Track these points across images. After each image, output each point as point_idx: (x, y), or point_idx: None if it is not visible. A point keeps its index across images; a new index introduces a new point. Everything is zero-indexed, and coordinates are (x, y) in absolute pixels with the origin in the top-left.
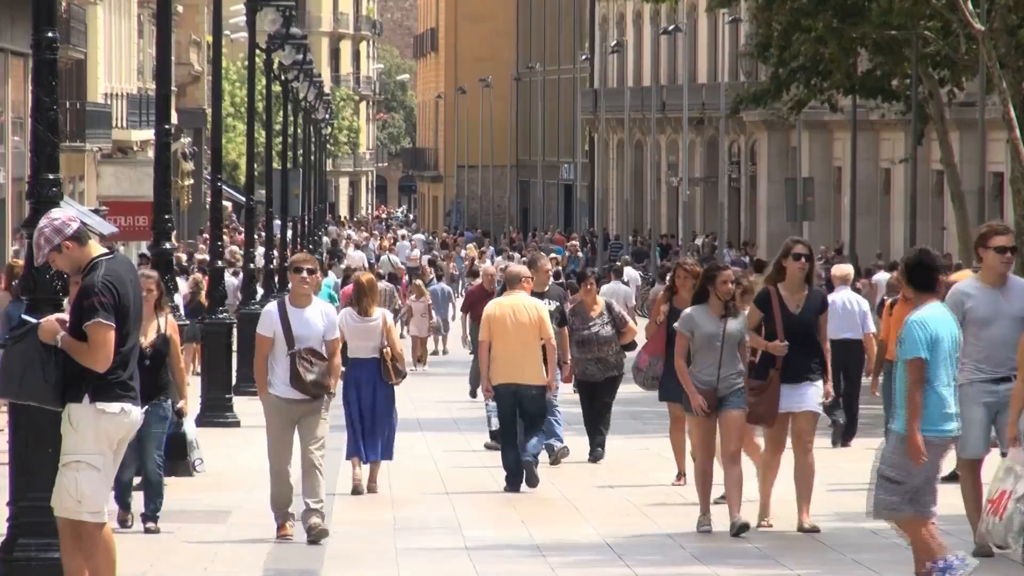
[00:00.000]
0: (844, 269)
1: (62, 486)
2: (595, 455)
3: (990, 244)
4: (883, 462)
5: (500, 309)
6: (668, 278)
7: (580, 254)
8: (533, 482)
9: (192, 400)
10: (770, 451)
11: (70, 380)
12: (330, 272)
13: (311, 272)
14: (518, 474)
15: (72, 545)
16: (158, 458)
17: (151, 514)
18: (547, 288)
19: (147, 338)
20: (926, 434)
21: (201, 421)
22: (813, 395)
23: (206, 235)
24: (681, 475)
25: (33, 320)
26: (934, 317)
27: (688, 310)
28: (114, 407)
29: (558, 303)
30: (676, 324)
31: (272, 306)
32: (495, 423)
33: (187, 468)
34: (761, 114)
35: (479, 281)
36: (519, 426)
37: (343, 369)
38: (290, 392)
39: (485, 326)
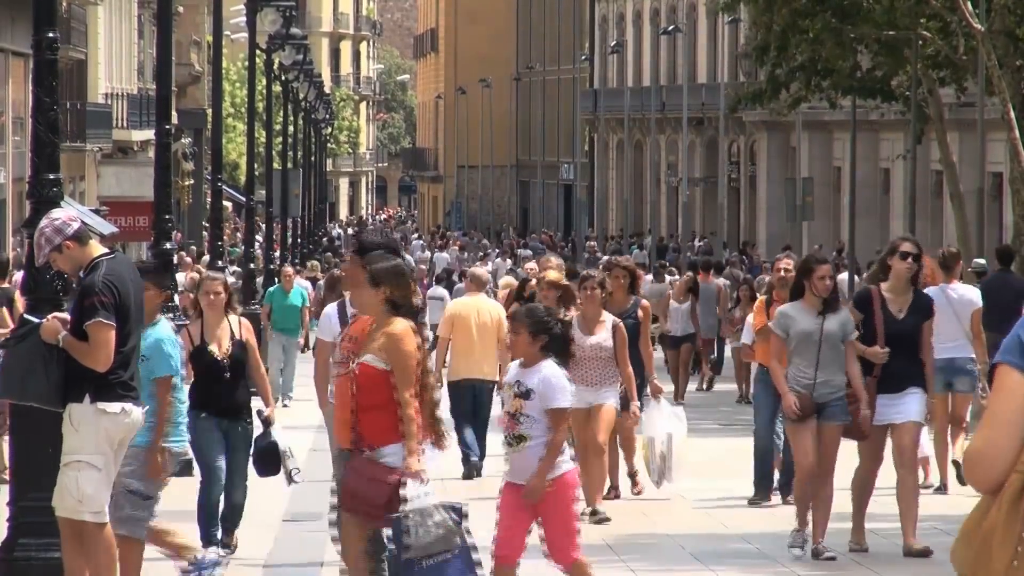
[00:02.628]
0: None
1: (63, 486)
2: None
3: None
4: None
5: (465, 308)
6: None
7: (600, 255)
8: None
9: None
10: (865, 467)
11: (71, 380)
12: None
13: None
14: (477, 453)
15: (73, 545)
16: (242, 488)
17: (228, 528)
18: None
19: (221, 347)
20: None
21: None
22: (916, 406)
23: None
24: (612, 488)
25: (35, 320)
26: None
27: (783, 307)
28: (115, 407)
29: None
30: (770, 323)
31: (332, 309)
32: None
33: (283, 480)
34: (761, 114)
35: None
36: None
37: None
38: None
39: (447, 323)
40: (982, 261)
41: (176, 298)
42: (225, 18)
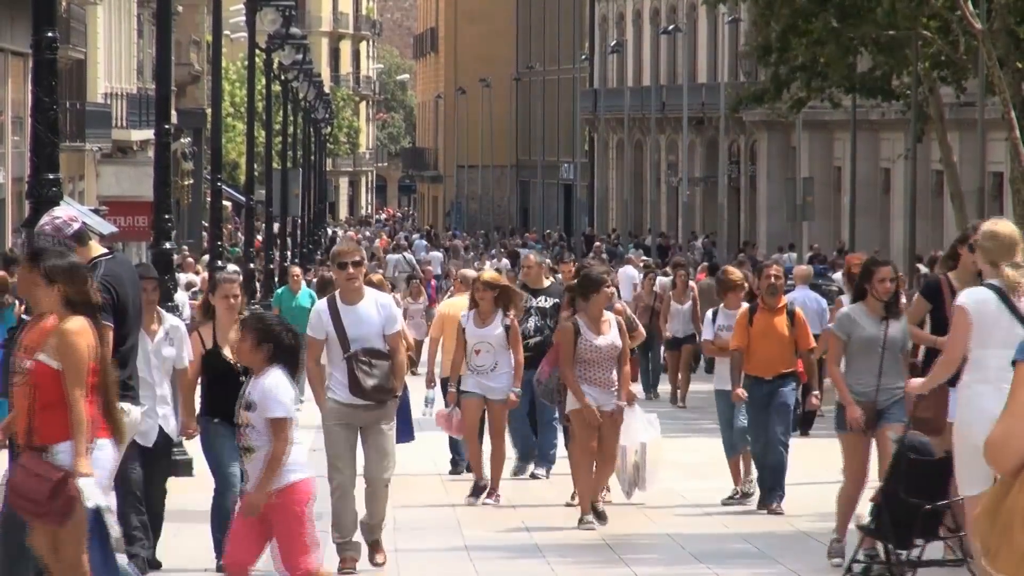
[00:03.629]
0: (804, 269)
1: None
2: None
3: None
4: None
5: (454, 309)
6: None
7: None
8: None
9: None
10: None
11: None
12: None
13: (356, 264)
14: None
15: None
16: None
17: None
18: (545, 284)
19: (235, 353)
20: None
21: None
22: None
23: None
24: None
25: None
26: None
27: (845, 309)
28: None
29: (556, 300)
30: (831, 325)
31: (322, 304)
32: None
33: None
34: (761, 114)
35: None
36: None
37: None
38: (351, 398)
39: (438, 323)
40: None
41: (176, 297)
42: (225, 18)
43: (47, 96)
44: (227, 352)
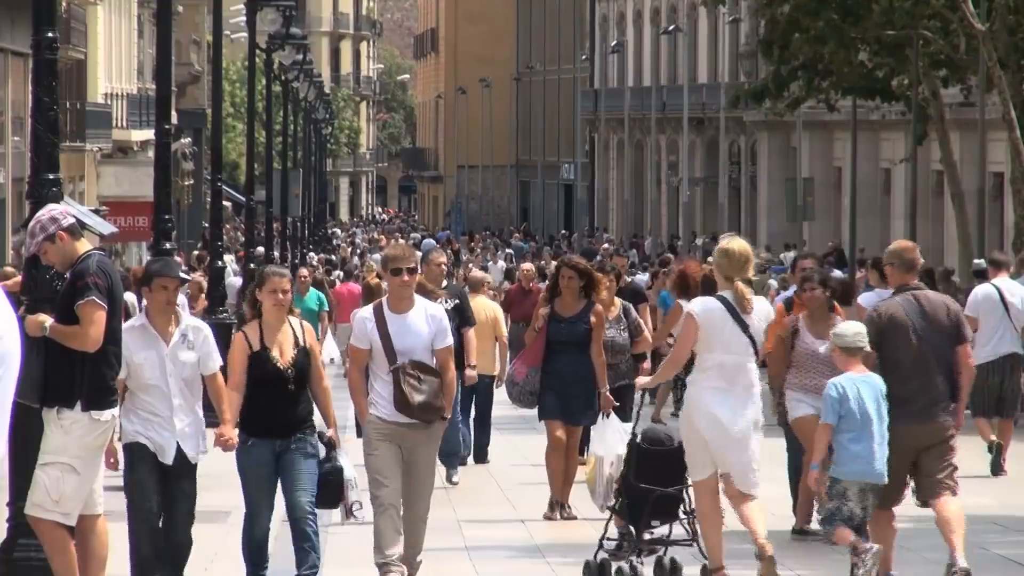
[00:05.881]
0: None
1: (42, 484)
2: None
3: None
4: None
5: (485, 311)
6: (550, 278)
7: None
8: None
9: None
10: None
11: (62, 385)
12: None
13: (412, 272)
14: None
15: (58, 544)
16: (308, 506)
17: (308, 574)
18: (443, 285)
19: (284, 354)
20: None
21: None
22: None
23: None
24: (557, 505)
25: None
26: None
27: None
28: (106, 415)
29: (457, 301)
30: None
31: (367, 311)
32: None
33: (343, 513)
34: (761, 114)
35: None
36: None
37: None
38: (396, 415)
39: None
40: (981, 262)
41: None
42: (225, 18)
43: (47, 96)
44: (275, 355)
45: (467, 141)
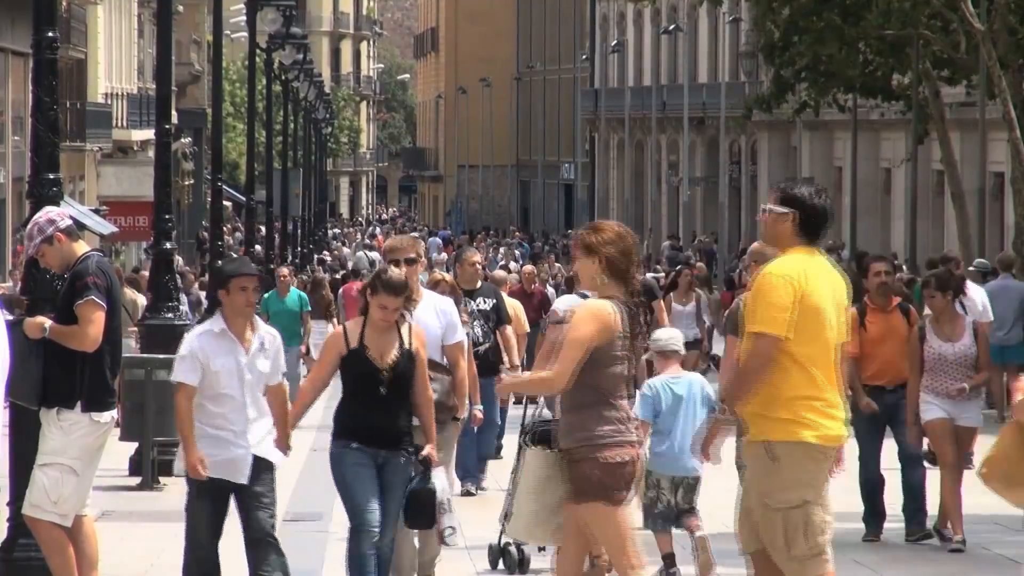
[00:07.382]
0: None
1: (40, 485)
2: None
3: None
4: None
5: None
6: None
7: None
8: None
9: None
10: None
11: (62, 386)
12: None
13: (410, 262)
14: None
15: (55, 543)
16: (392, 536)
17: None
18: (479, 285)
19: (385, 355)
20: None
21: None
22: None
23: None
24: None
25: (11, 318)
26: None
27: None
28: (105, 417)
29: (495, 301)
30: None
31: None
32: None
33: (436, 536)
34: (761, 113)
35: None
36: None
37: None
38: None
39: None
40: (984, 261)
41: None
42: (225, 17)
43: (47, 96)
44: (373, 354)
45: (467, 141)
